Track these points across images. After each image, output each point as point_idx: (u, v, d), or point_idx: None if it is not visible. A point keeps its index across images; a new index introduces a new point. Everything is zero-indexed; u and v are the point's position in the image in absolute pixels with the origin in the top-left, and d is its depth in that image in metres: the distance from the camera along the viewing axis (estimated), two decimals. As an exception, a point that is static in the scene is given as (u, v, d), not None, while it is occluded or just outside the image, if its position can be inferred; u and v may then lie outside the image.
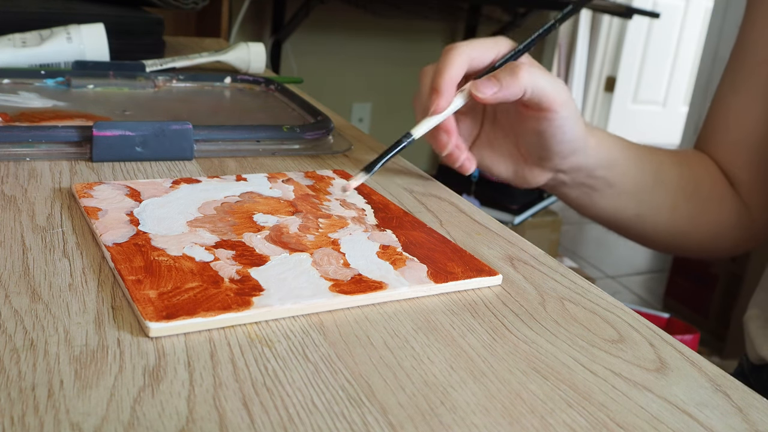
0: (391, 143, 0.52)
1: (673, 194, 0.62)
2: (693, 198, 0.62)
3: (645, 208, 0.61)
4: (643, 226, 0.62)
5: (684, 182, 0.62)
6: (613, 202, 0.60)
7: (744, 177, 0.63)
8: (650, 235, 0.64)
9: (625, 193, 0.60)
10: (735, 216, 0.64)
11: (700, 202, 0.63)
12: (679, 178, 0.62)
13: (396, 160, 0.59)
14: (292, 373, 0.29)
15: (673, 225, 0.63)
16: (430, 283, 0.37)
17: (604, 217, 0.62)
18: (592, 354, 0.33)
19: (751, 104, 0.61)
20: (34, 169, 0.49)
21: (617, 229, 0.64)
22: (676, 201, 0.62)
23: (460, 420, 0.28)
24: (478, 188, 2.05)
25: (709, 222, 0.63)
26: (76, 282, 0.35)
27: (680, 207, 0.62)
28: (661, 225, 0.62)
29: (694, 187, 0.62)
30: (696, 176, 0.63)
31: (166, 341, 0.31)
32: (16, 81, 0.68)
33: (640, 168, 0.60)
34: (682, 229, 0.63)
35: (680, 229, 0.63)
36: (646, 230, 0.63)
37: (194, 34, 1.98)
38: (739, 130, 0.62)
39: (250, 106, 0.71)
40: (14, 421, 0.25)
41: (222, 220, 0.42)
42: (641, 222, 0.62)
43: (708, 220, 0.63)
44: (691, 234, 0.64)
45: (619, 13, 2.24)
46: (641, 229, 0.63)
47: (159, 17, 0.88)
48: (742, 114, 0.62)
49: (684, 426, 0.29)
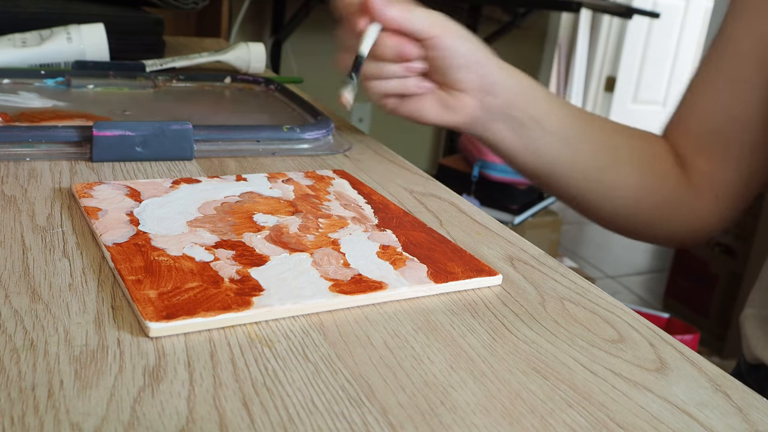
0: (390, 142, 0.53)
1: (609, 153, 0.62)
2: (632, 164, 0.63)
3: (576, 159, 0.61)
4: (573, 181, 0.63)
5: (619, 147, 0.63)
6: (544, 145, 0.61)
7: (704, 167, 0.63)
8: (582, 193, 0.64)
9: (554, 135, 0.60)
10: (674, 197, 0.64)
11: (636, 169, 0.63)
12: (617, 140, 0.63)
13: (396, 160, 0.59)
14: (292, 373, 0.29)
15: (604, 185, 0.63)
16: (430, 283, 0.37)
17: (538, 165, 0.62)
18: (592, 354, 0.33)
19: (724, 95, 0.62)
20: (34, 169, 0.49)
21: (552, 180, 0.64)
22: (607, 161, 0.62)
23: (460, 420, 0.28)
24: (478, 188, 2.05)
25: (643, 195, 0.63)
26: (76, 282, 0.35)
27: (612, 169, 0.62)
28: (593, 182, 0.63)
29: (630, 155, 0.63)
30: (637, 146, 0.64)
31: (166, 341, 0.31)
32: (16, 81, 0.68)
33: (568, 115, 0.61)
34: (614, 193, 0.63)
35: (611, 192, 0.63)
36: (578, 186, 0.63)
37: (194, 34, 1.98)
38: (708, 119, 0.63)
39: (250, 106, 0.71)
40: (14, 421, 0.25)
41: (222, 220, 0.42)
42: (575, 175, 0.62)
43: (642, 192, 0.63)
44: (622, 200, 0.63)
45: (619, 13, 2.24)
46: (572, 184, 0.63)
47: (159, 17, 0.88)
48: (713, 104, 0.62)
49: (684, 426, 0.29)
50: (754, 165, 0.63)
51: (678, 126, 0.65)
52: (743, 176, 0.63)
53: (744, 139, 0.61)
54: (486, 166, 2.01)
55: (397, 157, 0.61)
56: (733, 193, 0.64)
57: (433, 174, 1.95)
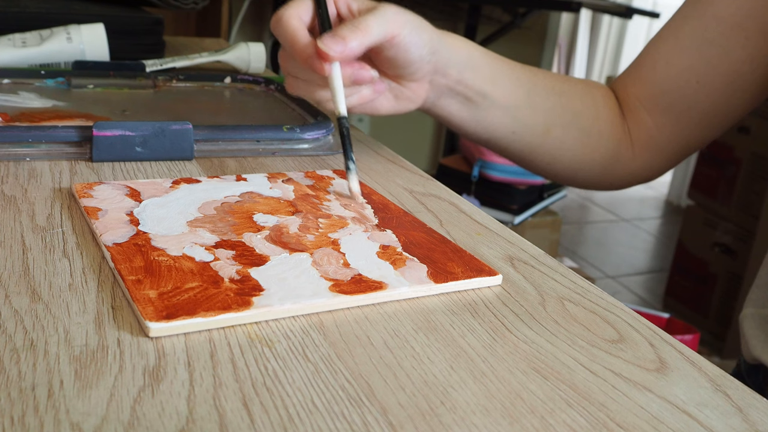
0: (389, 142, 0.53)
1: (547, 118, 0.64)
2: (569, 127, 0.64)
3: (519, 126, 0.63)
4: (519, 146, 0.65)
5: (561, 110, 0.64)
6: (490, 116, 0.62)
7: (648, 123, 0.65)
8: (526, 155, 0.66)
9: (499, 107, 0.61)
10: (613, 153, 0.66)
11: (576, 133, 0.65)
12: (557, 105, 0.64)
13: (396, 160, 0.59)
14: (292, 373, 0.29)
15: (545, 148, 0.65)
16: (430, 283, 0.37)
17: (485, 135, 0.64)
18: (592, 354, 0.33)
19: (686, 52, 0.62)
20: (34, 169, 0.49)
21: (499, 147, 0.66)
22: (548, 125, 0.64)
23: (460, 420, 0.28)
24: (478, 188, 2.05)
25: (584, 153, 0.66)
26: (76, 282, 0.35)
27: (553, 132, 0.64)
28: (536, 146, 0.65)
29: (571, 117, 0.64)
30: (578, 108, 0.65)
31: (166, 341, 0.31)
32: (16, 81, 0.68)
33: (513, 84, 0.62)
34: (554, 154, 0.65)
35: (552, 153, 0.65)
36: (522, 150, 0.65)
37: (194, 34, 1.98)
38: (663, 74, 0.63)
39: (250, 106, 0.71)
40: (14, 421, 0.25)
41: (222, 220, 0.42)
42: (517, 140, 0.64)
43: (583, 151, 0.65)
44: (563, 160, 0.66)
45: (619, 13, 2.24)
46: (518, 148, 0.65)
47: (159, 17, 0.88)
48: (673, 59, 0.63)
49: (684, 426, 0.29)
50: (700, 129, 0.64)
51: (635, 78, 0.66)
52: (685, 138, 0.65)
53: (699, 103, 0.62)
54: (486, 166, 2.01)
55: (397, 157, 0.61)
56: (671, 153, 0.66)
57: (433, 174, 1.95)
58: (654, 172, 0.68)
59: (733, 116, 0.63)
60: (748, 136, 1.95)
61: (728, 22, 0.59)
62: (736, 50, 0.59)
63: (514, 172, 1.98)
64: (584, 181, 0.69)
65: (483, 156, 2.00)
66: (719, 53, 0.60)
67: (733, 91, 0.61)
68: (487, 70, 0.60)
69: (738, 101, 0.62)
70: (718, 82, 0.61)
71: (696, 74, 0.61)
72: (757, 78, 0.60)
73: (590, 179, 0.69)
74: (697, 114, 0.63)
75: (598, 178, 0.69)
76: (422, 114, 0.62)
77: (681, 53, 0.62)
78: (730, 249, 1.99)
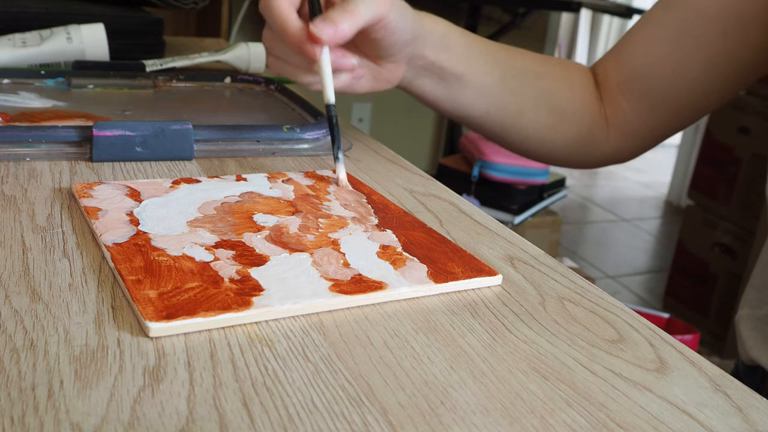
0: (390, 142, 0.53)
1: (521, 100, 0.64)
2: (543, 109, 0.65)
3: (492, 107, 0.64)
4: (492, 126, 0.66)
5: (536, 92, 0.65)
6: (464, 96, 0.63)
7: (624, 107, 0.65)
8: (499, 134, 0.67)
9: (473, 88, 0.62)
10: (587, 134, 0.67)
11: (549, 114, 0.65)
12: (532, 87, 0.65)
13: (396, 160, 0.59)
14: (292, 373, 0.29)
15: (519, 128, 0.66)
16: (430, 283, 0.37)
17: (460, 113, 0.65)
18: (592, 354, 0.33)
19: (667, 44, 0.62)
20: (34, 169, 0.49)
21: (473, 125, 0.67)
22: (522, 107, 0.65)
23: (460, 420, 0.28)
24: (478, 188, 2.05)
25: (558, 133, 0.67)
26: (76, 282, 0.35)
27: (527, 113, 0.65)
28: (510, 126, 0.66)
29: (547, 99, 0.65)
30: (553, 90, 0.65)
31: (166, 341, 0.31)
32: (16, 81, 0.68)
33: (488, 65, 0.62)
34: (528, 134, 0.67)
35: (526, 133, 0.66)
36: (495, 129, 0.66)
37: (194, 34, 1.97)
38: (641, 61, 0.64)
39: (250, 106, 0.71)
40: (14, 421, 0.25)
41: (222, 220, 0.42)
42: (491, 120, 0.65)
43: (556, 131, 0.66)
44: (537, 139, 0.67)
45: (619, 13, 2.24)
46: (491, 128, 0.66)
47: (159, 17, 0.88)
48: (652, 47, 0.63)
49: (684, 426, 0.29)
50: (674, 117, 0.64)
51: (615, 62, 0.67)
52: (659, 124, 0.65)
53: (674, 92, 0.63)
54: (486, 166, 2.01)
55: (397, 157, 0.61)
56: (645, 138, 0.67)
57: (433, 174, 1.95)
58: (627, 154, 0.69)
59: (707, 107, 0.64)
60: (748, 137, 1.95)
61: (707, 14, 0.60)
62: (713, 43, 0.60)
63: (514, 172, 1.98)
64: (558, 160, 0.71)
65: (483, 156, 2.00)
66: (696, 45, 0.60)
67: (708, 82, 0.61)
68: (463, 51, 0.61)
69: (713, 93, 0.62)
70: (694, 73, 0.61)
71: (672, 63, 0.62)
72: (732, 71, 0.61)
73: (564, 158, 0.70)
74: (672, 102, 0.63)
75: (571, 157, 0.70)
76: (422, 114, 0.62)
77: (659, 41, 0.62)
78: (730, 249, 1.99)
